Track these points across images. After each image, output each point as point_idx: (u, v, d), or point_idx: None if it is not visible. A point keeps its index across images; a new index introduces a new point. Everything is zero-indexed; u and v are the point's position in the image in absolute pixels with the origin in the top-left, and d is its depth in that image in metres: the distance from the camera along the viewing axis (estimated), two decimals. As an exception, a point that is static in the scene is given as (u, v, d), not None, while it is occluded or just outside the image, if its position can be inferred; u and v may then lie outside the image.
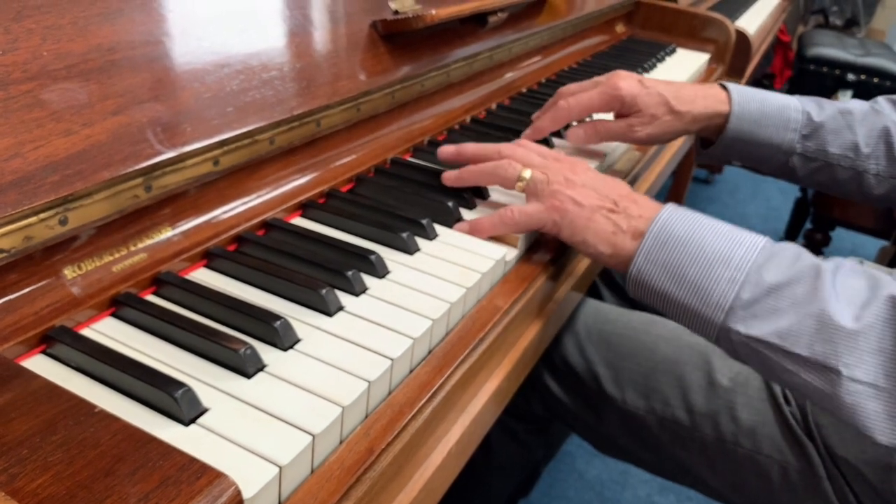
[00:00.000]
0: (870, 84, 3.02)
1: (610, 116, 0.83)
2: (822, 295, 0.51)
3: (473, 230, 0.63)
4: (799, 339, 0.51)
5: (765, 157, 0.84)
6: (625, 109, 0.80)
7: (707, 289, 0.54)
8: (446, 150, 0.70)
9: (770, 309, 0.52)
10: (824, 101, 0.83)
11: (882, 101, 0.82)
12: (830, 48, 3.09)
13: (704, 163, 0.78)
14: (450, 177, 0.68)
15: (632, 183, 0.88)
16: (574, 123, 0.84)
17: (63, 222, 0.44)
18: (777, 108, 0.82)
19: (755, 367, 0.56)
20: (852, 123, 0.81)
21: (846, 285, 0.52)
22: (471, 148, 0.69)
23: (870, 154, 0.80)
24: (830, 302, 0.51)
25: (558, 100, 0.81)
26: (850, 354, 0.50)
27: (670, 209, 0.58)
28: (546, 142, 0.85)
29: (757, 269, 0.53)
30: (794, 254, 0.55)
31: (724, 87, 0.83)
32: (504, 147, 0.67)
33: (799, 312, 0.51)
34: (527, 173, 0.63)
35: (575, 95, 0.80)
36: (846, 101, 0.83)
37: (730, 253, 0.54)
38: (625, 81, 0.79)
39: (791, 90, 3.27)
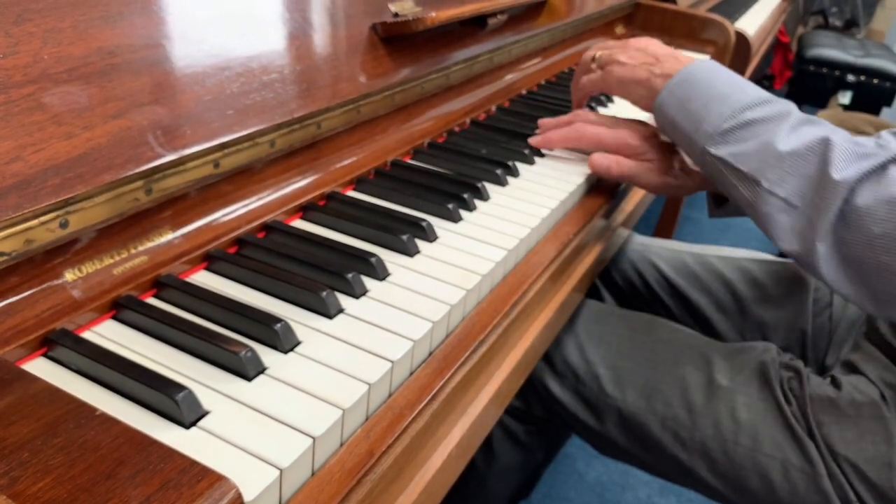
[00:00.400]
0: (869, 85, 3.02)
1: None
2: (778, 129, 0.63)
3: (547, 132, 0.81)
4: (745, 159, 0.63)
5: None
6: (634, 156, 0.78)
7: (701, 118, 0.67)
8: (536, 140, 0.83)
9: (739, 138, 0.64)
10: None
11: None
12: (830, 49, 3.09)
13: (718, 217, 0.77)
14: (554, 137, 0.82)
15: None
16: None
17: (64, 225, 0.44)
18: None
19: (720, 185, 0.68)
20: None
21: (802, 129, 0.63)
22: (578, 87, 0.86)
23: None
24: (779, 134, 0.62)
25: (576, 120, 0.81)
26: (774, 172, 0.62)
27: (707, 60, 0.72)
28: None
29: (743, 109, 0.64)
30: (783, 105, 0.65)
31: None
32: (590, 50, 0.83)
33: (757, 141, 0.63)
34: (598, 53, 0.81)
35: (593, 126, 0.80)
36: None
37: (730, 94, 0.66)
38: (636, 131, 0.78)
39: (791, 91, 3.28)
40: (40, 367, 0.43)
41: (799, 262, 0.63)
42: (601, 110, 1.04)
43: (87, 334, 0.46)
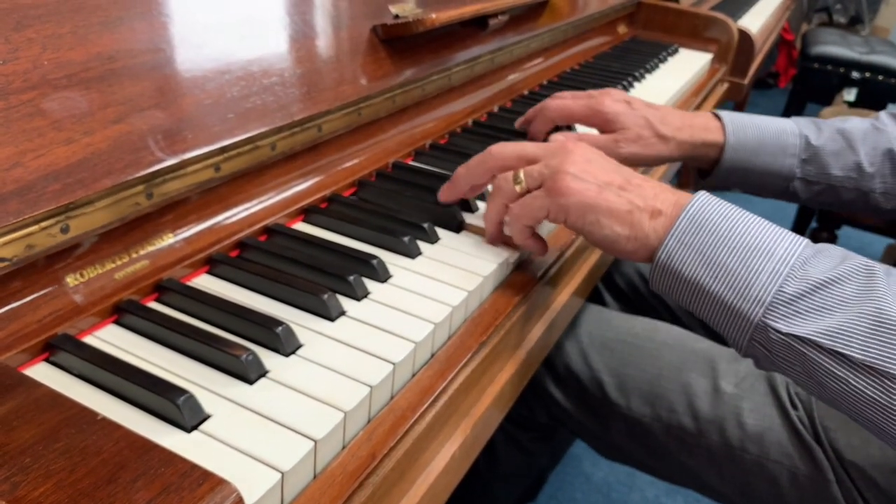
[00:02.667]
0: (875, 82, 3.01)
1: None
2: (878, 294, 0.46)
3: (490, 239, 0.61)
4: (851, 340, 0.45)
5: (765, 184, 0.82)
6: (608, 127, 0.78)
7: (746, 280, 0.49)
8: (443, 194, 0.66)
9: (816, 306, 0.47)
10: (822, 121, 0.81)
11: (884, 116, 0.81)
12: (834, 46, 3.08)
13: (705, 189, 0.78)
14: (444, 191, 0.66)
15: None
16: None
17: (65, 230, 0.44)
18: (773, 134, 0.80)
19: (794, 376, 0.50)
20: (853, 143, 0.79)
21: None
22: (461, 172, 0.64)
23: (874, 173, 0.79)
24: (887, 301, 0.45)
25: (546, 102, 0.80)
26: None
27: (705, 193, 0.54)
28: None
29: (802, 264, 0.48)
30: (841, 252, 0.50)
31: (717, 117, 0.81)
32: (491, 148, 0.62)
33: (850, 311, 0.46)
34: (521, 174, 0.58)
35: (562, 99, 0.79)
36: (845, 121, 0.81)
37: (772, 245, 0.49)
38: (610, 98, 0.78)
39: (795, 89, 3.27)
40: (42, 372, 0.43)
41: None
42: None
43: (88, 339, 0.46)
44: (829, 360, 0.46)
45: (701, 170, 0.85)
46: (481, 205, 0.69)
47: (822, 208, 0.80)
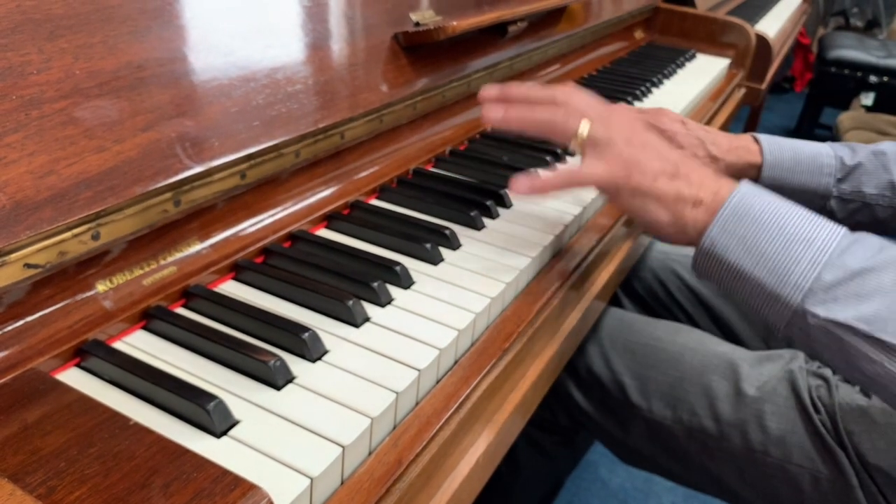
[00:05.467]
0: (892, 86, 2.98)
1: None
2: None
3: (535, 185, 0.59)
4: (887, 325, 0.48)
5: (803, 203, 0.83)
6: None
7: (786, 267, 0.51)
8: (489, 91, 0.65)
9: (853, 293, 0.49)
10: (857, 145, 0.85)
11: None
12: (851, 50, 3.05)
13: None
14: (493, 114, 0.62)
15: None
16: None
17: (96, 237, 0.45)
18: (809, 155, 0.83)
19: (829, 357, 0.52)
20: (887, 163, 0.82)
21: None
22: (518, 89, 0.64)
23: None
24: None
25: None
26: None
27: (748, 184, 0.56)
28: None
29: (840, 253, 0.51)
30: (878, 242, 0.52)
31: (756, 140, 0.85)
32: (558, 93, 0.62)
33: (887, 298, 0.49)
34: (584, 128, 0.59)
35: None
36: (878, 144, 0.85)
37: (812, 234, 0.52)
38: (667, 117, 0.82)
39: (812, 93, 3.24)
40: (74, 378, 0.43)
41: None
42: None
43: (118, 344, 0.47)
44: (865, 344, 0.48)
45: None
46: (502, 211, 0.70)
47: (860, 228, 0.84)
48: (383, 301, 0.53)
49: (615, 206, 0.63)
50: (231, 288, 0.54)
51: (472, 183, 0.74)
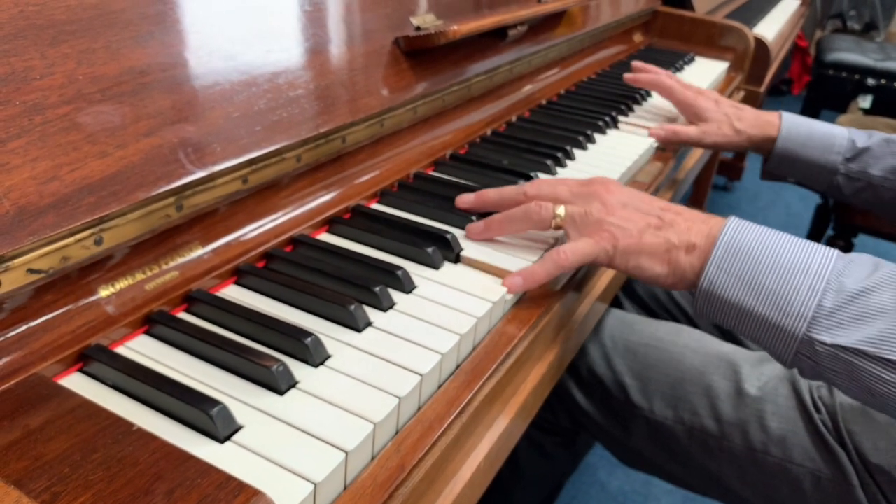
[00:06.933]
0: (890, 89, 2.99)
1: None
2: None
3: (528, 280, 0.58)
4: (893, 344, 0.48)
5: (812, 175, 0.94)
6: (696, 119, 0.97)
7: (787, 298, 0.52)
8: (465, 199, 0.68)
9: (855, 316, 0.50)
10: (876, 132, 0.91)
11: None
12: (849, 53, 3.06)
13: (769, 178, 1.01)
14: (475, 228, 0.64)
15: (654, 193, 0.88)
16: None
17: (98, 242, 0.45)
18: (822, 134, 0.92)
19: (842, 383, 0.52)
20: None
21: None
22: (492, 194, 0.66)
23: None
24: None
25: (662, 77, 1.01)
26: None
27: (735, 220, 0.57)
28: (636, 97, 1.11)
29: (837, 277, 0.51)
30: (872, 261, 0.53)
31: (780, 117, 0.95)
32: (528, 186, 0.65)
33: (889, 318, 0.49)
34: (561, 210, 0.61)
35: (673, 81, 1.00)
36: (893, 135, 0.90)
37: (807, 262, 0.52)
38: (703, 97, 0.97)
39: (810, 96, 3.25)
40: (77, 383, 0.43)
41: None
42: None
43: (121, 349, 0.47)
44: (875, 366, 0.49)
45: (765, 158, 1.00)
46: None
47: (866, 207, 0.92)
48: (385, 305, 0.53)
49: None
50: (233, 292, 0.54)
51: (473, 186, 0.74)
